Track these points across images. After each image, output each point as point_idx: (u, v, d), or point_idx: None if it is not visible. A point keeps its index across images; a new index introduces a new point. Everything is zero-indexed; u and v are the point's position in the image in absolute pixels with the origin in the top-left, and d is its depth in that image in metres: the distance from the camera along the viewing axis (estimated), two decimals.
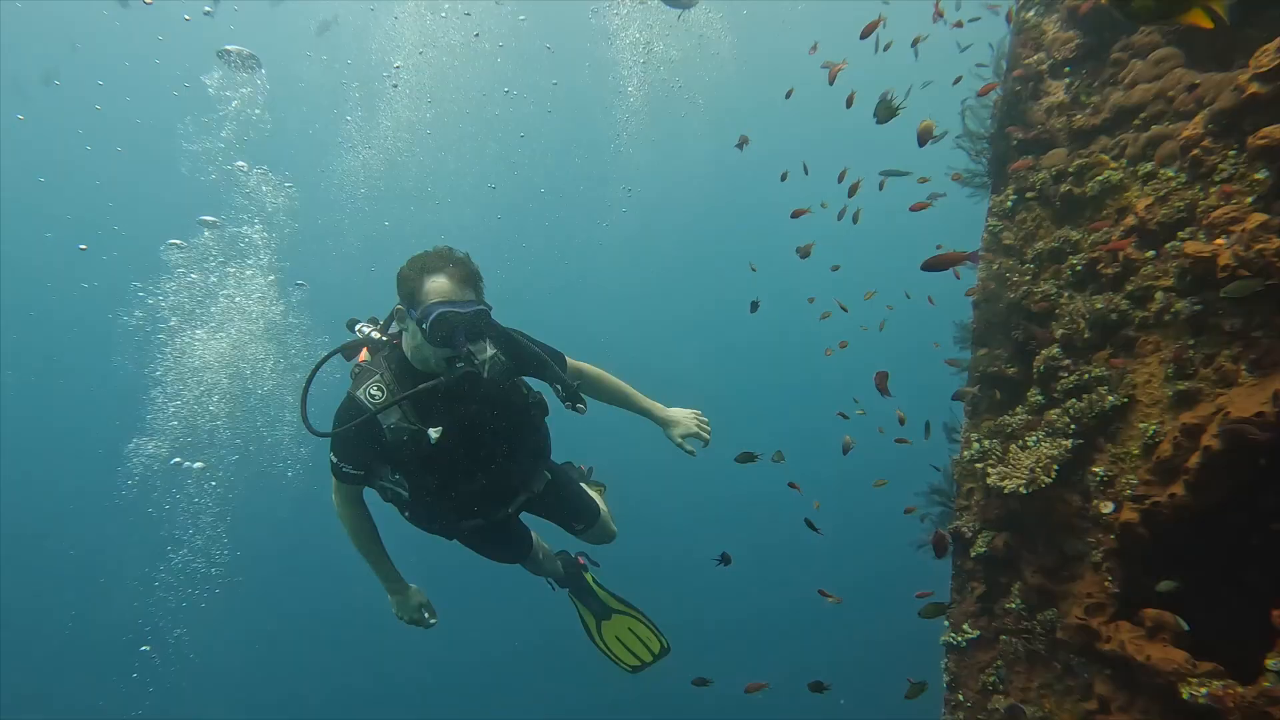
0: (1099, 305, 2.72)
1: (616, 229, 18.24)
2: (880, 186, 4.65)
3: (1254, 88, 2.22)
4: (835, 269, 6.48)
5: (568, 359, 2.78)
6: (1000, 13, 3.57)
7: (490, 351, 2.53)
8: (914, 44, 4.44)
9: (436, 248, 2.35)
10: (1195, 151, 2.47)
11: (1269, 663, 2.13)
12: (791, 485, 4.38)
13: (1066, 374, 2.79)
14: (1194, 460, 2.30)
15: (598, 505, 3.24)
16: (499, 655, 12.05)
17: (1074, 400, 2.73)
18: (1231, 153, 2.37)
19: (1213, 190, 2.40)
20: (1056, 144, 3.08)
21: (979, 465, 2.95)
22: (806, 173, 5.13)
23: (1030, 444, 2.79)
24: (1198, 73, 2.61)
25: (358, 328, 2.61)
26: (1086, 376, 2.72)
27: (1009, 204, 3.19)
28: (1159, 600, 2.45)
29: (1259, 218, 2.13)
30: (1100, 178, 2.80)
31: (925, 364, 4.41)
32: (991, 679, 2.95)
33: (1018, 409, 2.98)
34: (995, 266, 3.17)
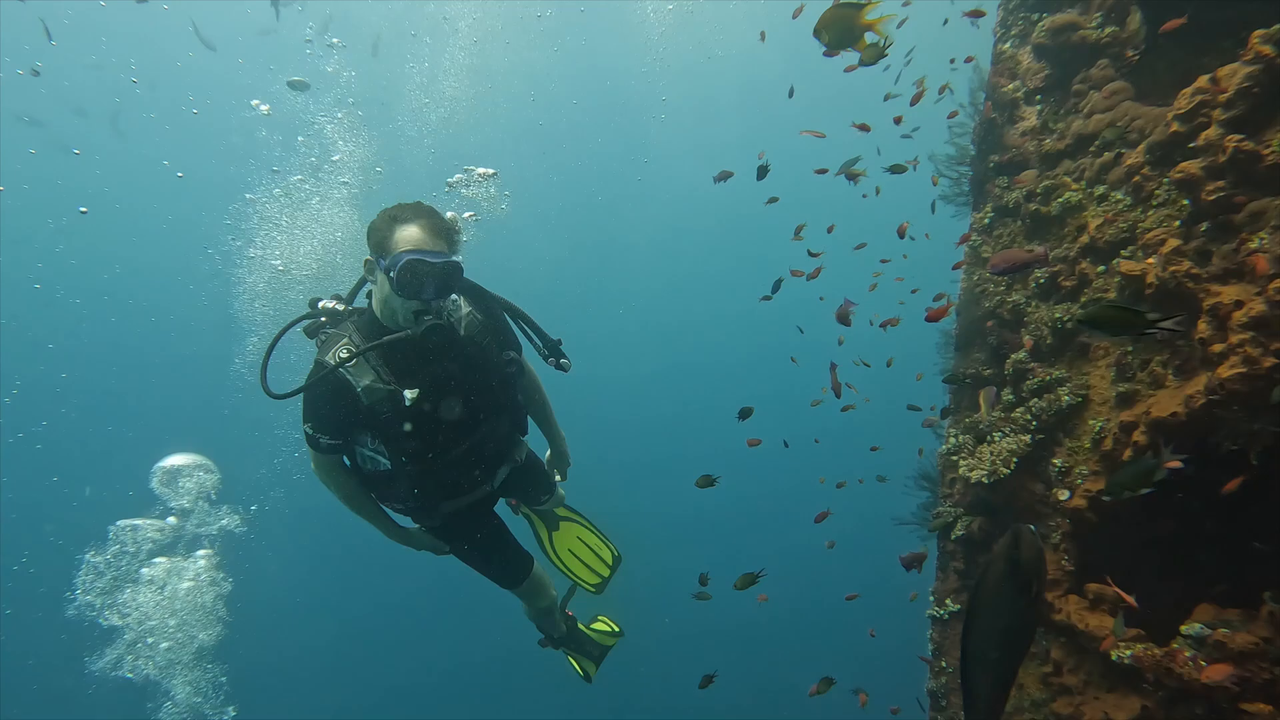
0: (1059, 314, 3.03)
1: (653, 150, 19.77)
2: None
3: (1175, 126, 2.51)
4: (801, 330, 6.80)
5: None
6: (979, 26, 3.84)
7: (466, 309, 2.45)
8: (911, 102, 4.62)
9: (412, 201, 2.29)
10: (1137, 178, 2.76)
11: (1183, 628, 2.44)
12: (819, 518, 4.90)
13: (1032, 376, 3.12)
14: (1127, 454, 2.62)
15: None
16: (499, 655, 12.09)
17: (1036, 399, 3.06)
18: (1166, 180, 2.66)
19: (1150, 213, 2.70)
20: (1029, 165, 3.37)
21: (953, 458, 3.31)
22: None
23: (996, 439, 3.13)
24: (1142, 105, 2.88)
25: (320, 304, 2.49)
26: (1048, 378, 3.04)
27: (987, 220, 3.50)
28: (1115, 575, 2.77)
29: (1174, 242, 2.43)
30: (1062, 199, 3.10)
31: (922, 368, 4.72)
32: None
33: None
34: (975, 278, 3.49)
